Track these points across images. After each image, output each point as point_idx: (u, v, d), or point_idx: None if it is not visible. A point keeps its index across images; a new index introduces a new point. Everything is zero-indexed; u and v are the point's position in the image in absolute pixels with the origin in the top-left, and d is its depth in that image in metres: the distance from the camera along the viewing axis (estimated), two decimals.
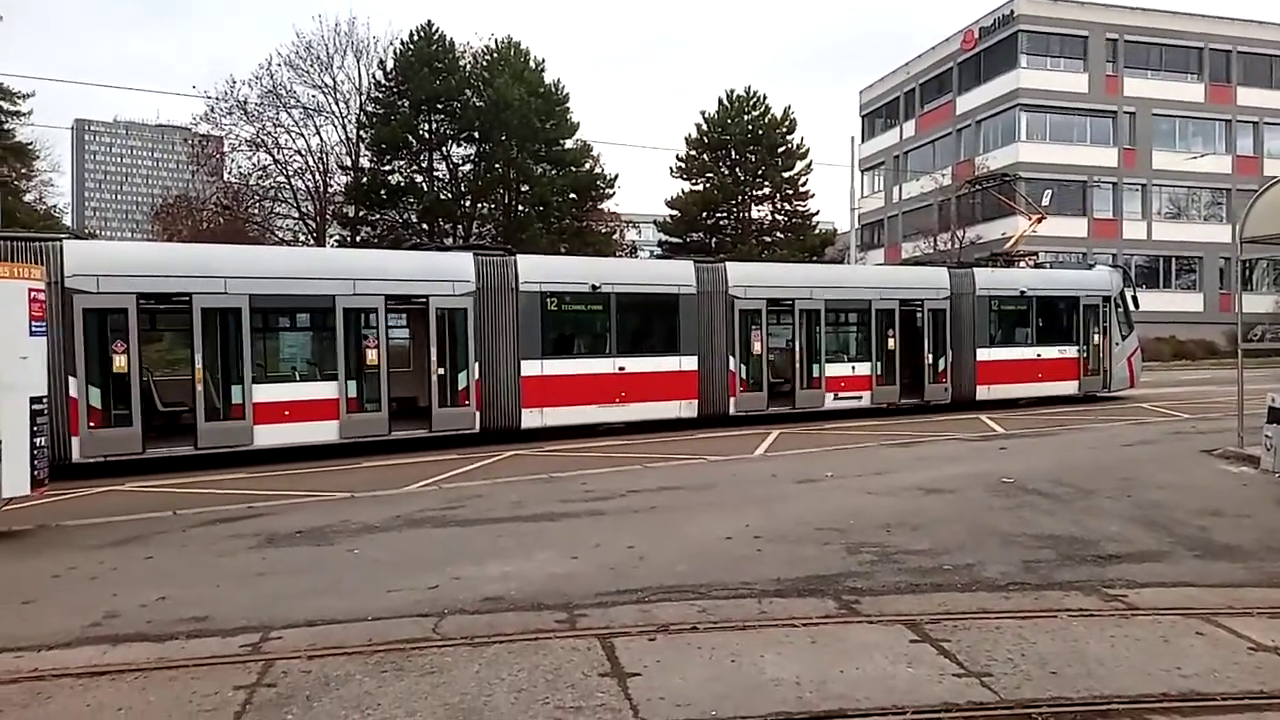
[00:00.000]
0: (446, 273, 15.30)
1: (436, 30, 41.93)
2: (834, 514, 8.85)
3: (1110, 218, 45.28)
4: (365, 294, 14.47)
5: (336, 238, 41.86)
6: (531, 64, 43.06)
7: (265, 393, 13.67)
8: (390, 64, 41.53)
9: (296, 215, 41.60)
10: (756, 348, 18.04)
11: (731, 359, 17.65)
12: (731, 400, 17.67)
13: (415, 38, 41.62)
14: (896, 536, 7.91)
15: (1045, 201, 32.48)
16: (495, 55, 42.79)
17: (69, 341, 12.38)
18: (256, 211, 40.88)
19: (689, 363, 17.22)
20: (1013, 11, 44.44)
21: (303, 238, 41.07)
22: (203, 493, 11.08)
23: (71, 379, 12.38)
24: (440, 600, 6.17)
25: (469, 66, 42.42)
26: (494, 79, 40.93)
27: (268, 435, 13.60)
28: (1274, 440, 10.77)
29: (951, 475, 11.07)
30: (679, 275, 17.63)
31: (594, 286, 16.57)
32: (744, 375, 17.81)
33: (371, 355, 14.44)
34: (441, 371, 14.94)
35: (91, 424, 12.59)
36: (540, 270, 16.40)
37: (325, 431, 14.11)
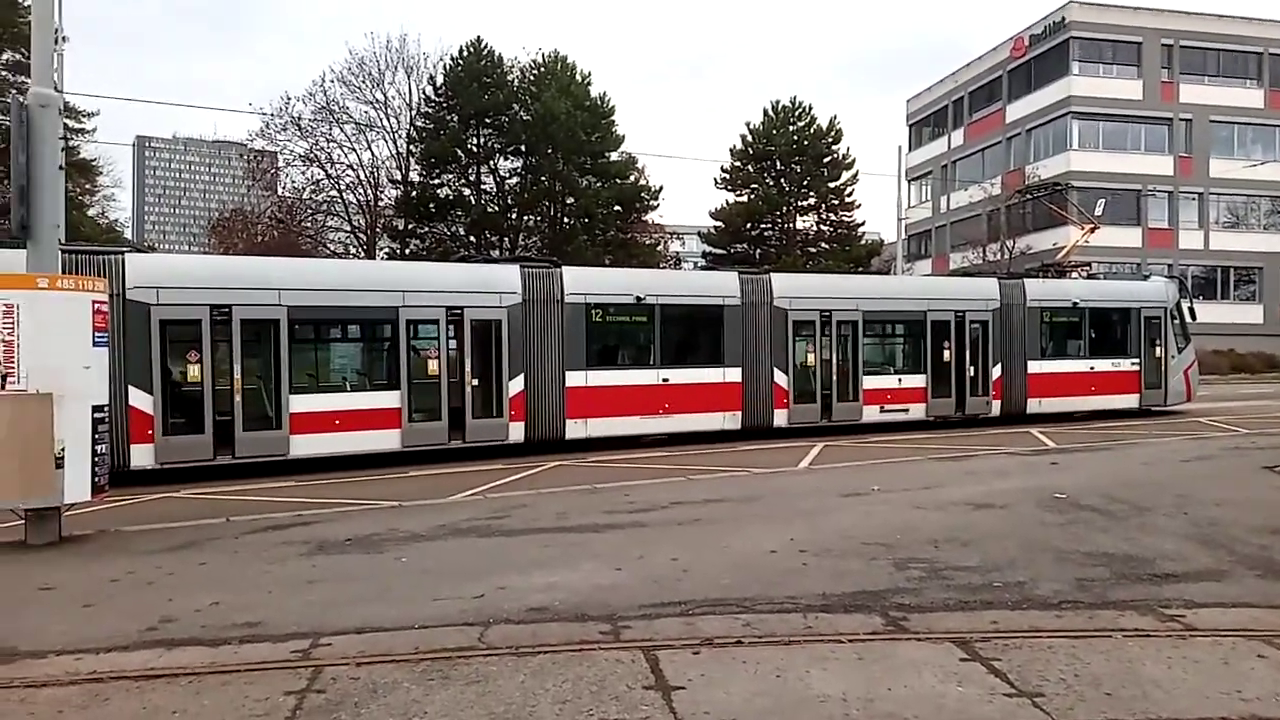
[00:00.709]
0: (493, 284, 15.49)
1: (486, 46, 42.53)
2: (881, 528, 8.75)
3: (1165, 227, 44.27)
4: (424, 305, 14.76)
5: (386, 250, 42.56)
6: (578, 78, 43.45)
7: (307, 403, 13.90)
8: (440, 79, 42.19)
9: (348, 228, 42.39)
10: (802, 360, 17.96)
11: (777, 371, 17.57)
12: (776, 412, 17.57)
13: (465, 53, 42.25)
14: (945, 552, 7.79)
15: (1098, 211, 31.81)
16: (543, 69, 43.27)
17: (146, 351, 12.83)
18: (309, 225, 41.75)
19: (733, 374, 17.17)
20: (1064, 19, 43.77)
21: (353, 250, 41.83)
22: (255, 500, 11.30)
23: (135, 389, 12.77)
24: (486, 610, 6.21)
25: (517, 81, 42.95)
26: (541, 93, 41.39)
27: (309, 445, 13.82)
28: None
29: (1002, 490, 10.87)
30: (723, 286, 17.60)
31: (638, 298, 16.62)
32: (789, 388, 17.72)
33: (433, 365, 14.76)
34: (475, 382, 15.07)
35: (166, 431, 13.00)
36: (585, 282, 16.51)
37: (386, 440, 14.35)
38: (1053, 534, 8.51)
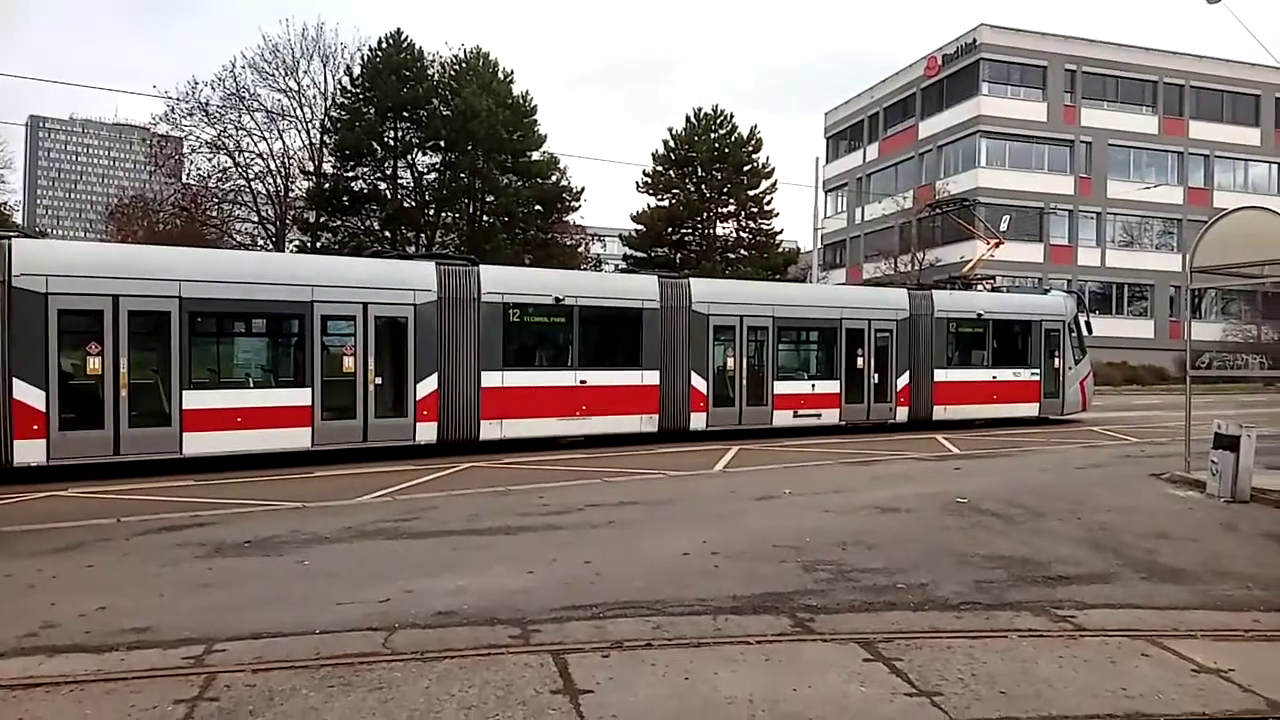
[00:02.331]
0: (408, 281, 15.16)
1: (405, 39, 41.72)
2: (791, 531, 8.88)
3: (1066, 244, 46.22)
4: (337, 300, 14.38)
5: (296, 243, 41.34)
6: (500, 75, 43.00)
7: (205, 399, 13.36)
8: (357, 70, 41.22)
9: (256, 219, 41.04)
10: (719, 364, 18.16)
11: (694, 375, 17.70)
12: (694, 416, 17.70)
13: (384, 45, 41.37)
14: (852, 555, 7.95)
15: (1003, 227, 33.04)
16: (464, 65, 42.66)
17: (36, 342, 12.17)
18: (215, 214, 40.27)
19: (651, 377, 17.23)
20: (975, 40, 45.32)
21: (261, 242, 40.53)
22: (150, 500, 10.80)
23: (21, 382, 12.08)
24: (391, 614, 6.07)
25: (437, 75, 42.23)
26: (462, 88, 40.79)
27: (205, 443, 13.29)
28: (1219, 465, 11.03)
29: (907, 494, 11.17)
30: (642, 289, 17.64)
31: (557, 299, 16.50)
32: (707, 391, 17.88)
33: (347, 362, 14.43)
34: (379, 381, 14.72)
35: (61, 427, 12.35)
36: (503, 281, 16.31)
37: (295, 439, 13.93)
38: (954, 537, 8.78)
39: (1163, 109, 47.55)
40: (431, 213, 42.52)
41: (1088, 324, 23.56)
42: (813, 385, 19.34)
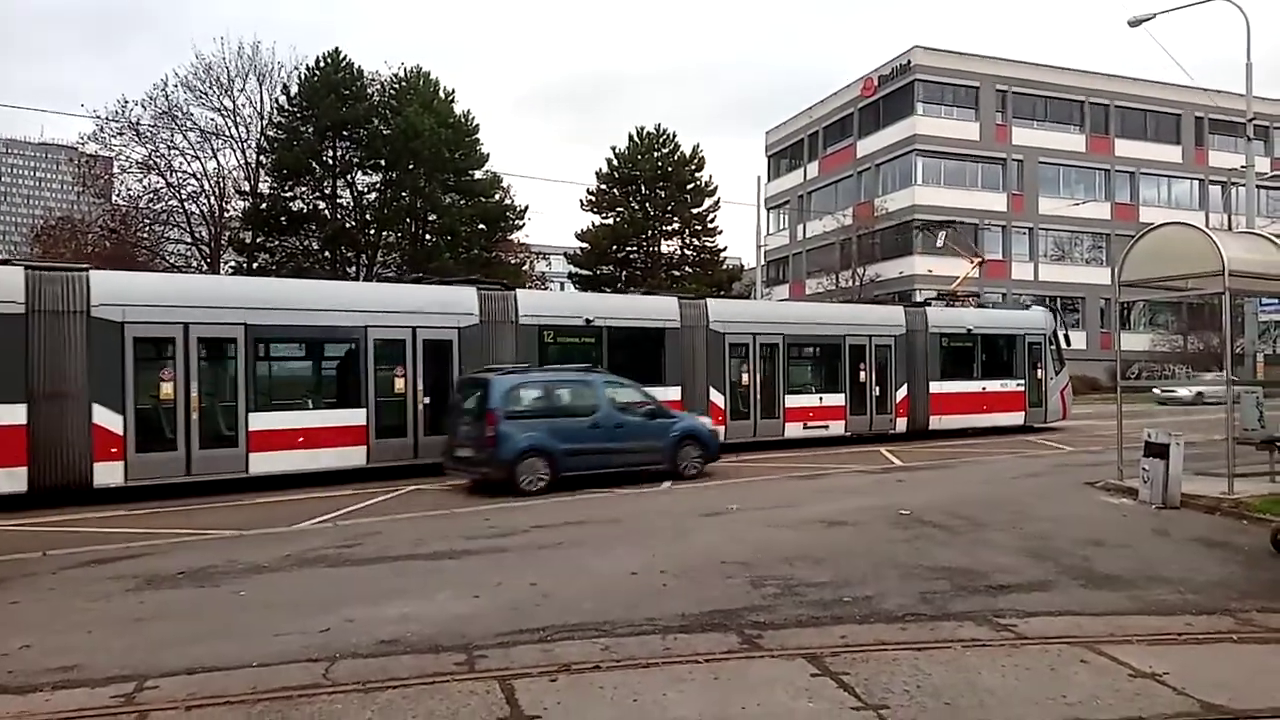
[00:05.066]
0: (452, 306, 15.92)
1: (344, 57, 41.24)
2: (739, 547, 8.89)
3: (1000, 259, 47.38)
4: (385, 325, 15.13)
5: (232, 264, 40.46)
6: (441, 94, 42.74)
7: (269, 420, 14.00)
8: (295, 89, 40.61)
9: (189, 241, 40.05)
10: (736, 380, 18.90)
11: (713, 390, 18.39)
12: (714, 429, 17.97)
13: (322, 64, 40.84)
14: (799, 569, 7.99)
15: (939, 243, 33.92)
16: (404, 84, 42.31)
17: (114, 369, 12.71)
18: (145, 236, 39.21)
19: (673, 393, 17.69)
20: (910, 62, 46.44)
21: (195, 263, 39.58)
22: (79, 531, 10.42)
23: (98, 406, 12.58)
24: (332, 644, 5.92)
25: (377, 95, 41.81)
26: (403, 107, 40.42)
27: (269, 463, 13.83)
28: (1150, 473, 11.35)
29: (853, 508, 11.27)
30: (665, 310, 18.44)
31: (587, 321, 17.27)
32: (725, 406, 18.53)
33: (400, 384, 15.16)
34: (428, 400, 15.32)
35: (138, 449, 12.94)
36: (538, 305, 17.33)
37: (351, 457, 14.58)
38: (898, 550, 8.88)
39: (1089, 128, 49.19)
40: (372, 232, 41.96)
41: (1066, 337, 24.76)
42: (820, 399, 20.13)
